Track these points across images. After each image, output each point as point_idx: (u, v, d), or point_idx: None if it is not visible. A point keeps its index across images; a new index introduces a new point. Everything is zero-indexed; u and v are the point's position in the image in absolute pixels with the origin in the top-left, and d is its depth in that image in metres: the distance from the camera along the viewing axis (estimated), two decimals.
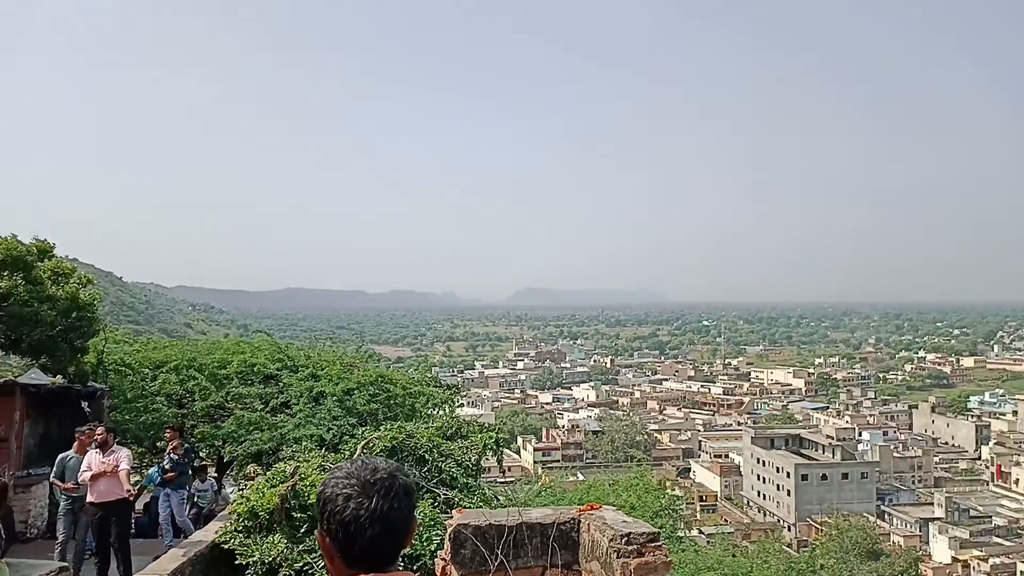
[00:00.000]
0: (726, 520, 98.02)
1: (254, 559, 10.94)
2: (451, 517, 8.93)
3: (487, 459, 15.61)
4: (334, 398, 17.92)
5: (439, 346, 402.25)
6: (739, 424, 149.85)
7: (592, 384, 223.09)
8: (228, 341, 23.95)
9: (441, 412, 19.44)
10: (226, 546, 11.43)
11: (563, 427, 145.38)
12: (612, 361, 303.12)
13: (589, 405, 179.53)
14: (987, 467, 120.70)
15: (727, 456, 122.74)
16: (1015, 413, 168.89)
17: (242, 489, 14.80)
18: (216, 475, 20.66)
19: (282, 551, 10.88)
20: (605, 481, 35.39)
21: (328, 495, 2.50)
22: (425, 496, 12.73)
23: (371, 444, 13.48)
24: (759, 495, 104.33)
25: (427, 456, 13.83)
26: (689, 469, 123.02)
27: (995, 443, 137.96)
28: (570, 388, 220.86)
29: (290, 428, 16.69)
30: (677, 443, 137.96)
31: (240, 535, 11.51)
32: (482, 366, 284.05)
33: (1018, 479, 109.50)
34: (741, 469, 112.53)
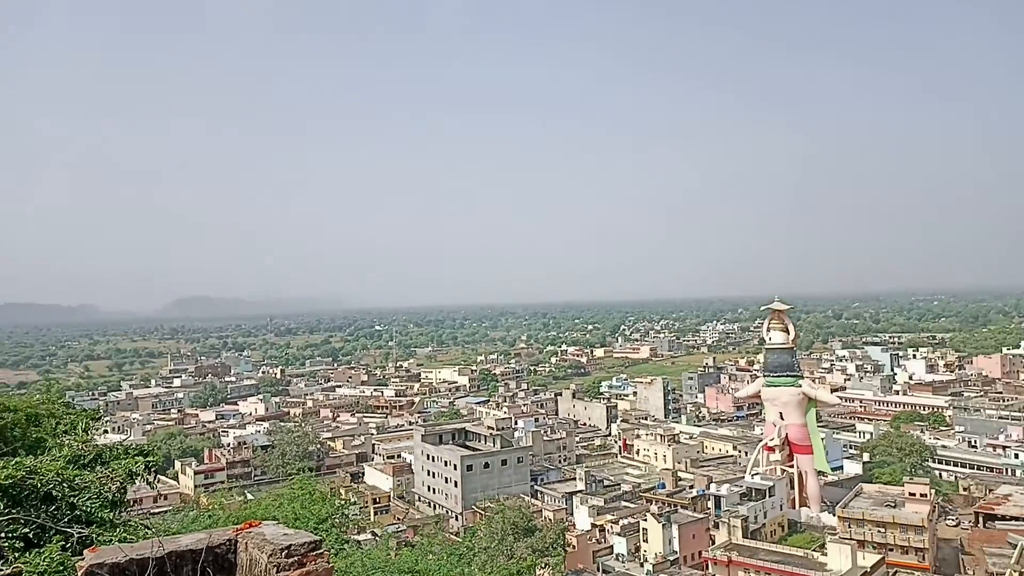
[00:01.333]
0: (398, 518, 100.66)
1: None
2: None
3: (135, 488, 14.06)
4: None
5: (75, 366, 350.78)
6: (410, 424, 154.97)
7: (261, 397, 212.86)
8: None
9: (74, 439, 16.97)
10: None
11: (228, 445, 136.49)
12: (283, 371, 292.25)
13: (258, 419, 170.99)
14: (616, 442, 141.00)
15: (399, 456, 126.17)
16: (635, 394, 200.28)
17: None
18: None
19: None
20: (271, 496, 34.05)
21: None
22: (54, 539, 11.09)
23: None
24: (430, 489, 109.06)
25: (56, 492, 12.04)
26: (362, 473, 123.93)
27: (621, 420, 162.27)
28: (236, 403, 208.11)
29: None
30: (351, 449, 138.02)
31: None
32: (131, 386, 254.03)
33: (639, 449, 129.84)
34: (413, 467, 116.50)
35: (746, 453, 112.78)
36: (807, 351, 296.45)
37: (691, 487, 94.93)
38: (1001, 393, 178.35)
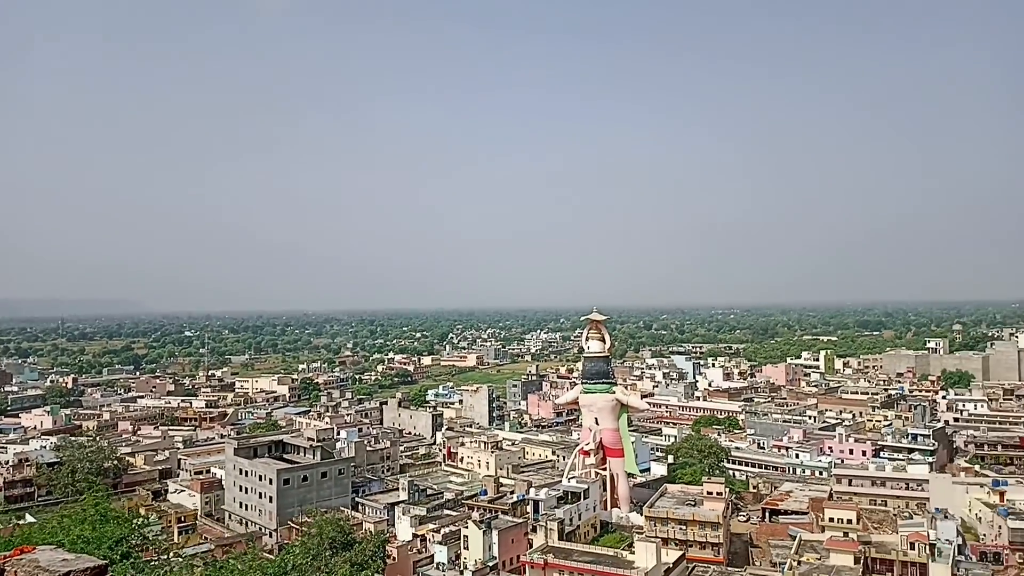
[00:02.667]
0: (205, 537, 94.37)
1: None
2: None
3: None
4: None
5: None
6: (222, 436, 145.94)
7: (48, 408, 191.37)
8: None
9: None
10: None
11: (7, 463, 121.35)
12: (75, 380, 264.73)
13: (44, 433, 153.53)
14: (440, 450, 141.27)
15: (209, 471, 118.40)
16: (461, 401, 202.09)
17: None
18: None
19: None
20: (56, 518, 30.75)
21: None
22: None
23: None
24: (242, 506, 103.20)
25: None
26: (166, 490, 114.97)
27: (447, 428, 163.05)
28: (18, 415, 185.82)
29: None
30: (153, 464, 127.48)
31: None
32: None
33: (463, 457, 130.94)
34: (224, 482, 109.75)
35: (564, 457, 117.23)
36: (621, 359, 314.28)
37: (512, 492, 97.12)
38: (785, 399, 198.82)
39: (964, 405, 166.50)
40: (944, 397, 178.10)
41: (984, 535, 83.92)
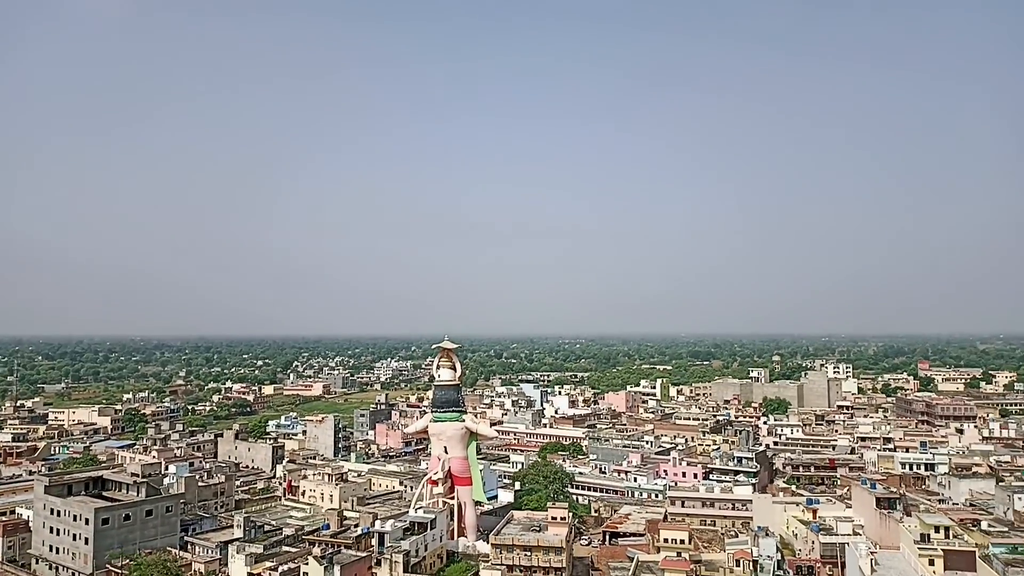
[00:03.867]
0: None
1: None
2: None
3: None
4: None
5: None
6: (31, 474, 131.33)
7: None
8: None
9: None
10: None
11: None
12: None
13: None
14: (280, 483, 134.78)
15: (14, 512, 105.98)
16: (304, 432, 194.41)
17: None
18: None
19: None
20: None
21: None
22: None
23: None
24: (52, 550, 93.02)
25: None
26: None
27: (288, 461, 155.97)
28: None
29: None
30: None
31: None
32: None
33: (305, 490, 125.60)
34: (32, 524, 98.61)
35: (412, 488, 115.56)
36: (472, 388, 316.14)
37: (356, 526, 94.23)
38: (625, 425, 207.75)
39: (782, 430, 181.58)
40: (765, 422, 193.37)
41: (800, 550, 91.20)
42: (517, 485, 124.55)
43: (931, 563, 70.52)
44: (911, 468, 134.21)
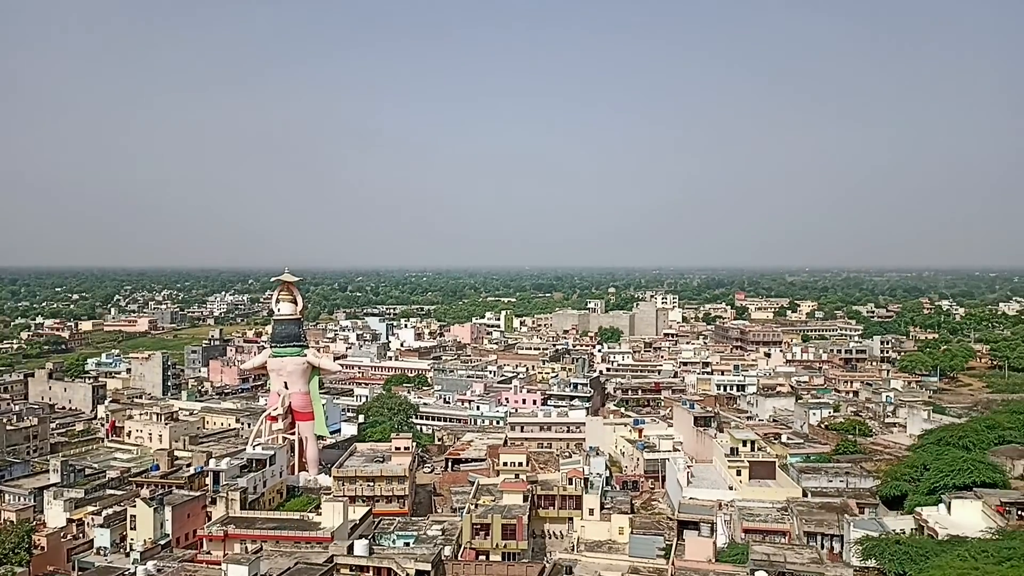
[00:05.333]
0: None
1: None
2: None
3: None
4: None
5: None
6: None
7: None
8: None
9: None
10: None
11: None
12: None
13: None
14: (102, 425, 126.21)
15: None
16: (129, 371, 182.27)
17: None
18: None
19: None
20: None
21: None
22: None
23: None
24: None
25: None
26: None
27: (111, 401, 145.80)
28: None
29: None
30: None
31: None
32: None
33: (130, 431, 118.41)
34: None
35: (249, 425, 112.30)
36: (314, 322, 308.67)
37: (188, 465, 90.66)
38: (470, 356, 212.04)
39: (615, 357, 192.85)
40: (599, 350, 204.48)
41: (626, 467, 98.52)
42: (361, 418, 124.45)
43: (738, 473, 78.64)
44: (725, 389, 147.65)
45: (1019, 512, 62.53)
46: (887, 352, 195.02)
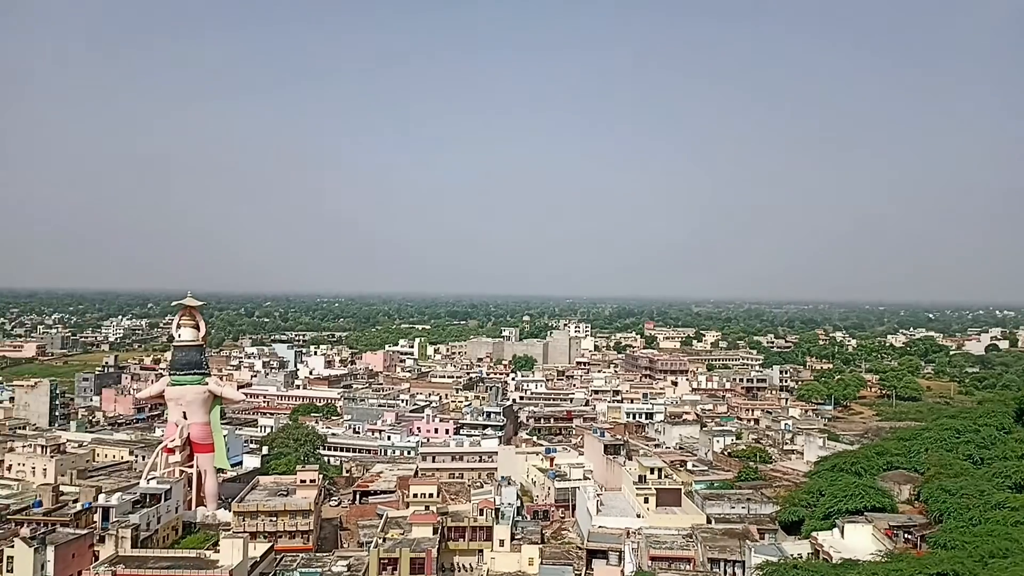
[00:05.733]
0: None
1: None
2: None
3: None
4: None
5: None
6: None
7: None
8: None
9: None
10: None
11: None
12: None
13: None
14: None
15: None
16: (12, 399, 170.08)
17: None
18: None
19: None
20: None
21: None
22: None
23: None
24: None
25: None
26: None
27: None
28: None
29: None
30: None
31: None
32: None
33: (11, 465, 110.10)
34: None
35: (144, 457, 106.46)
36: (217, 349, 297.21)
37: (75, 501, 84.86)
38: (382, 384, 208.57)
39: (528, 385, 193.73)
40: (513, 378, 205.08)
41: (537, 496, 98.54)
42: (265, 449, 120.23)
43: (646, 501, 79.95)
44: (634, 417, 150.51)
45: (906, 535, 65.88)
46: (786, 381, 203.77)
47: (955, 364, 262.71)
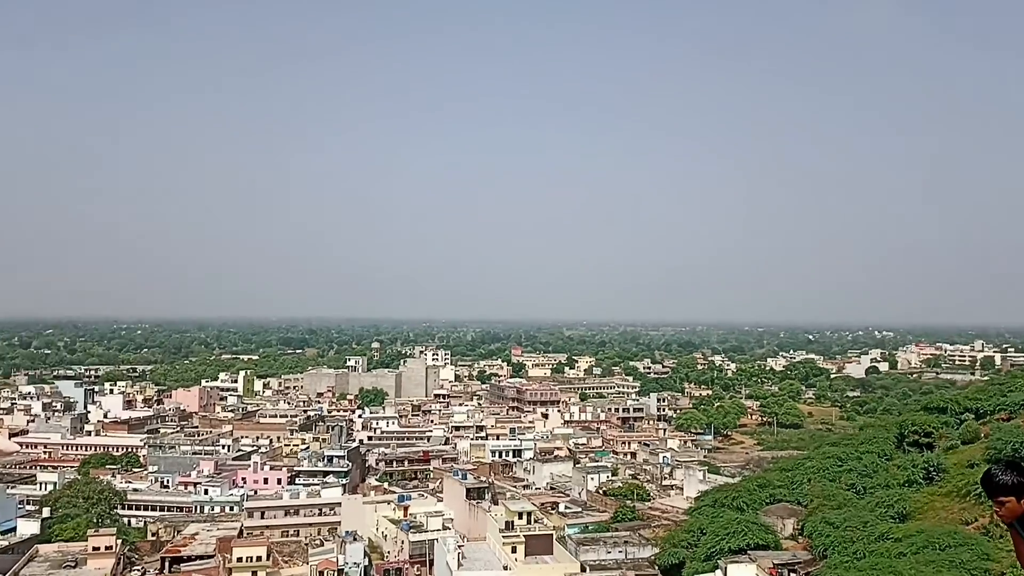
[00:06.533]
0: None
1: None
2: None
3: None
4: None
5: None
6: None
7: None
8: None
9: None
10: None
11: None
12: None
13: None
14: None
15: None
16: None
17: None
18: None
19: None
20: None
21: None
22: None
23: None
24: None
25: None
26: None
27: None
28: None
29: None
30: None
31: None
32: None
33: None
34: None
35: None
36: None
37: None
38: (197, 427, 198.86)
39: (377, 423, 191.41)
40: (360, 416, 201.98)
41: (389, 552, 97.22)
42: (47, 512, 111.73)
43: (513, 550, 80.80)
44: (501, 455, 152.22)
45: (791, 573, 70.46)
46: (663, 410, 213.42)
47: (836, 388, 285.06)
